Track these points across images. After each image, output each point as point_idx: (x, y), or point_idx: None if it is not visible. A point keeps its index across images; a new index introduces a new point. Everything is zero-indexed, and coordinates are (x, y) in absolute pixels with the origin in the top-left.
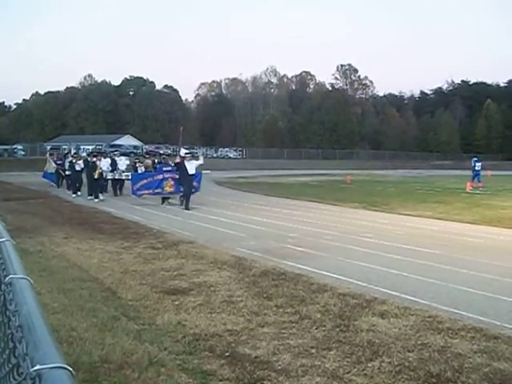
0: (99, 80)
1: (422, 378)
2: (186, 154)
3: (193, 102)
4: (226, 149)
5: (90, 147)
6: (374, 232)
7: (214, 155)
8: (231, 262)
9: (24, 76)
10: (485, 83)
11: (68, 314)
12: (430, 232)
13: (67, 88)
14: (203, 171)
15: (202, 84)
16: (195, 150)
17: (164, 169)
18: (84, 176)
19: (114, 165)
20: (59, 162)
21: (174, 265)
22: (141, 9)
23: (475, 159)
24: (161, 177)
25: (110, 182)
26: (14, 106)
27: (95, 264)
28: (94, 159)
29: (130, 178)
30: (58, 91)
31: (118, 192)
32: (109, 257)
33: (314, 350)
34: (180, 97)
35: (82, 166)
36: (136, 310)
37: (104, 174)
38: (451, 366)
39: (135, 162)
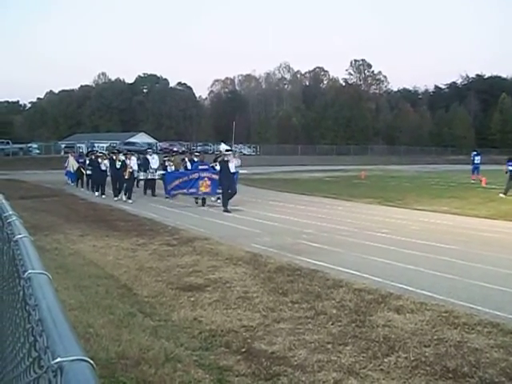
0: (113, 78)
1: (439, 373)
2: (227, 150)
3: (206, 98)
4: (240, 145)
5: (105, 145)
6: (389, 227)
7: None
8: (246, 258)
9: (38, 75)
10: (500, 77)
11: (85, 311)
12: (446, 227)
13: (81, 86)
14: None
15: (216, 81)
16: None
17: (200, 167)
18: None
19: (146, 164)
20: (81, 161)
21: (190, 261)
22: (154, 6)
23: (475, 153)
24: (196, 176)
25: (139, 181)
26: (29, 105)
27: (111, 261)
28: (123, 158)
29: (162, 177)
30: (73, 90)
31: (150, 192)
32: (124, 254)
33: (329, 346)
34: (194, 94)
35: (108, 165)
36: (152, 307)
37: (135, 174)
38: (468, 361)
39: (164, 160)
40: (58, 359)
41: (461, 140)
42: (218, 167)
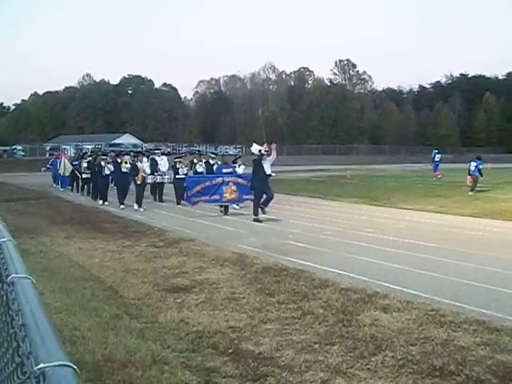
0: (98, 79)
1: (426, 372)
2: (260, 150)
3: (192, 99)
4: (226, 146)
5: (90, 146)
6: (375, 227)
7: (214, 152)
8: (233, 258)
9: (22, 77)
10: (483, 76)
11: (70, 314)
12: (431, 226)
13: (66, 88)
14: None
15: (201, 82)
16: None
17: (224, 170)
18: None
19: (154, 166)
20: (75, 163)
21: (176, 263)
22: (138, 7)
23: (436, 151)
24: (220, 180)
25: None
26: (13, 107)
27: (97, 263)
28: (131, 160)
29: (172, 181)
30: (57, 91)
31: (158, 197)
32: (110, 256)
33: (317, 346)
34: (179, 95)
35: (112, 169)
36: (138, 309)
37: (147, 179)
38: (454, 359)
39: (175, 162)
40: (41, 365)
41: (445, 139)
42: (239, 170)
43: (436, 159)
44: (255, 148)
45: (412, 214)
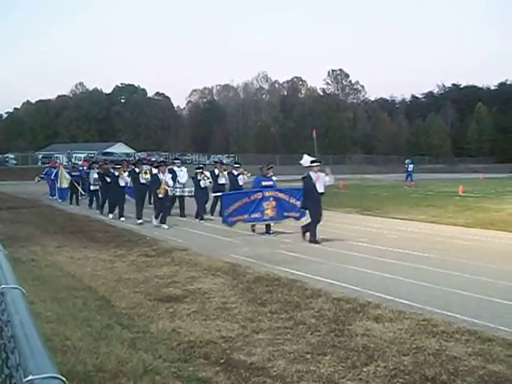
0: (90, 88)
1: (418, 382)
2: (313, 162)
3: (184, 108)
4: (219, 155)
5: (82, 155)
6: (367, 236)
7: (207, 162)
8: (225, 268)
9: (14, 85)
10: (475, 86)
11: (62, 323)
12: (424, 235)
13: (58, 96)
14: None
15: (194, 91)
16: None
17: (264, 183)
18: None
19: (173, 177)
20: (75, 174)
21: (168, 272)
22: (131, 16)
23: (409, 161)
24: (260, 195)
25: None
26: (5, 115)
27: (88, 273)
28: (155, 170)
29: (193, 194)
30: (49, 100)
31: (179, 212)
32: (102, 265)
33: (309, 356)
34: (172, 104)
35: (128, 180)
36: (130, 318)
37: (170, 192)
38: (446, 369)
39: (196, 173)
40: (30, 377)
41: (438, 149)
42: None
43: (409, 169)
44: (306, 159)
45: (404, 223)
